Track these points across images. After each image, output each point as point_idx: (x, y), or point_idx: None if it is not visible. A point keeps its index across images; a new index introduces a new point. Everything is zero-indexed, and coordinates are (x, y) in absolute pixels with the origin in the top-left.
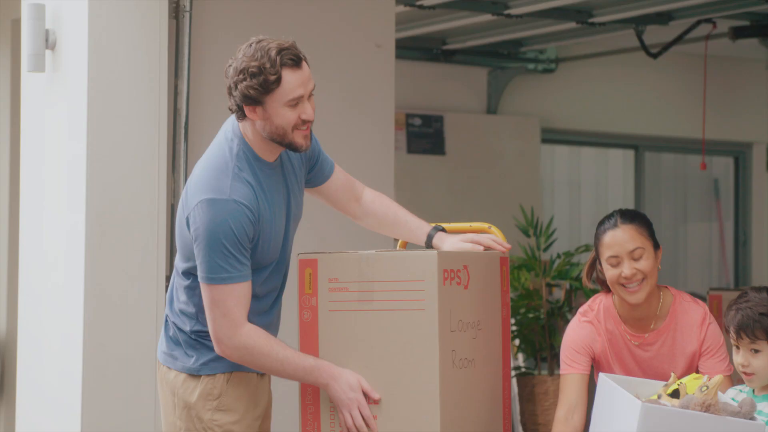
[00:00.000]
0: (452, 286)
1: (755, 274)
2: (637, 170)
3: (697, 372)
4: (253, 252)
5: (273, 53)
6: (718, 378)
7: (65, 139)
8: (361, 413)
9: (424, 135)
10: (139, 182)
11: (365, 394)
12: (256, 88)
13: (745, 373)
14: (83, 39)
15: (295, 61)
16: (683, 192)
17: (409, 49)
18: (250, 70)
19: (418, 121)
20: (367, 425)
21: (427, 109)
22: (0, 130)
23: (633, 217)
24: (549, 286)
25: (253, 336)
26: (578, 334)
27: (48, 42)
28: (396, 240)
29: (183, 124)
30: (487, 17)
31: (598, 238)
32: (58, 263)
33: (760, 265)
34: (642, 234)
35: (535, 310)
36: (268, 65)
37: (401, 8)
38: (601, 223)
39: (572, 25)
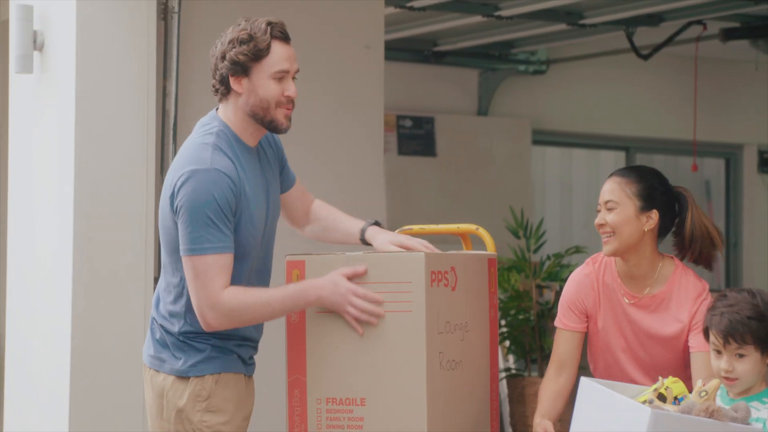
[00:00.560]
0: (440, 287)
1: (746, 276)
2: None
3: (687, 346)
4: (235, 230)
5: (263, 25)
6: (715, 382)
7: (54, 141)
8: (358, 297)
9: (414, 137)
10: (128, 183)
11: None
12: (246, 54)
13: (727, 378)
14: (71, 40)
15: (284, 35)
16: None
17: (399, 51)
18: (240, 38)
19: (408, 123)
20: (371, 302)
21: (417, 111)
22: None
23: (628, 171)
24: (539, 287)
25: (234, 296)
26: (574, 287)
27: (36, 43)
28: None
29: (171, 125)
30: (478, 19)
31: None
32: (47, 265)
33: (751, 267)
34: (624, 189)
35: (525, 312)
36: (258, 34)
37: (391, 10)
38: None
39: (563, 26)
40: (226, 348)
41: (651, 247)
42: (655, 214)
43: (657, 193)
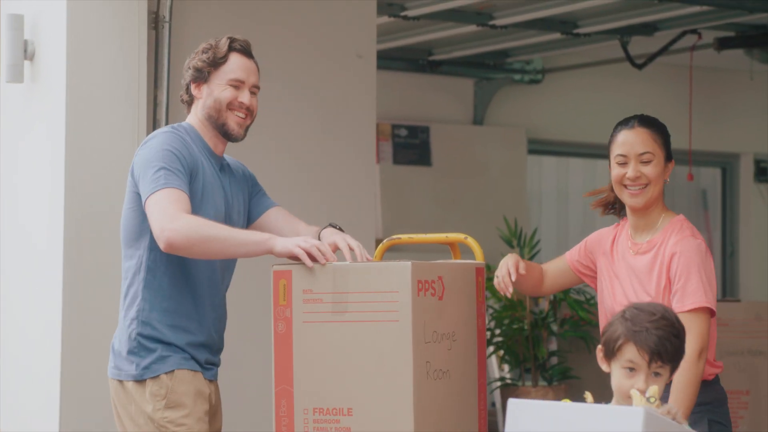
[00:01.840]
0: (426, 297)
1: (743, 285)
2: None
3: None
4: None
5: (224, 39)
6: (656, 388)
7: (44, 150)
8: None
9: (410, 146)
10: (119, 192)
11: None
12: (205, 61)
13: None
14: (62, 50)
15: (245, 49)
16: (671, 203)
17: (394, 60)
18: (202, 48)
19: (404, 132)
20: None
21: (413, 120)
22: None
23: (651, 122)
24: (533, 297)
25: (193, 216)
26: (596, 236)
27: (27, 52)
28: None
29: None
30: (472, 28)
31: (611, 136)
32: (37, 274)
33: (748, 277)
34: (656, 141)
35: (519, 321)
36: (219, 45)
37: (386, 19)
38: (619, 123)
39: (557, 35)
40: (176, 346)
41: (662, 198)
42: (671, 164)
43: (669, 142)
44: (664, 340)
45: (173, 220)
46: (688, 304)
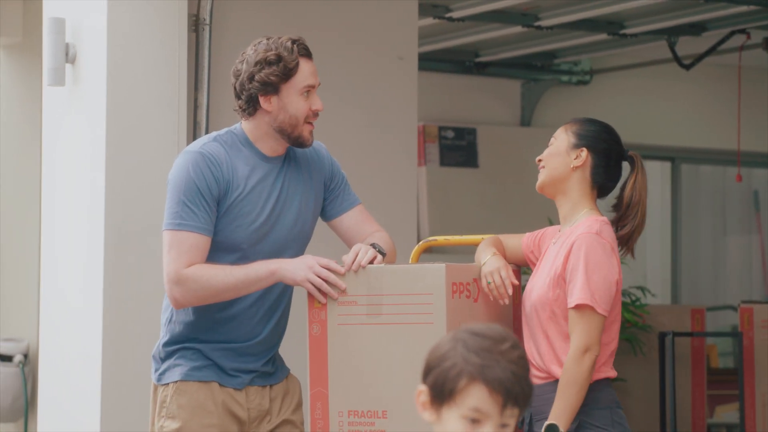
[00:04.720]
0: (461, 299)
1: None
2: (673, 182)
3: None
4: (222, 219)
5: (288, 44)
6: None
7: (85, 153)
8: (322, 267)
9: (456, 148)
10: (160, 196)
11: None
12: (277, 75)
13: None
14: (102, 53)
15: (308, 52)
16: (722, 204)
17: (441, 62)
18: (268, 59)
19: (450, 134)
20: (332, 272)
21: (459, 122)
22: (35, 144)
23: (582, 118)
24: None
25: (197, 268)
26: (554, 227)
27: (68, 56)
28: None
29: None
30: (518, 29)
31: None
32: (78, 279)
33: None
34: (567, 128)
35: None
36: (286, 53)
37: (430, 21)
38: None
39: (604, 36)
40: (190, 357)
41: (578, 191)
42: (584, 153)
43: (595, 139)
44: (520, 378)
45: (179, 281)
46: (573, 300)
